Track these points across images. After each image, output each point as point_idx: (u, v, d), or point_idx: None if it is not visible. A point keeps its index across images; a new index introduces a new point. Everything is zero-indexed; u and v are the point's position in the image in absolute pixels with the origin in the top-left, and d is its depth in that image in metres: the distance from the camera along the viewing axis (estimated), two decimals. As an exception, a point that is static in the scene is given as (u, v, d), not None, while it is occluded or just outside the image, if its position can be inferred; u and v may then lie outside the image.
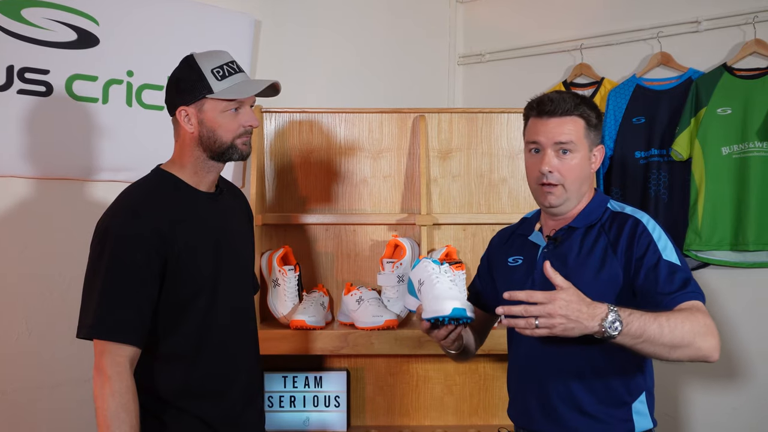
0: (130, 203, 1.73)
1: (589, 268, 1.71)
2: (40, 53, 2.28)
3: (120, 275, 1.63)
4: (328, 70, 3.11)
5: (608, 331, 1.45)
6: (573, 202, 1.78)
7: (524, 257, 1.85)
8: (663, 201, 2.98)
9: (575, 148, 1.73)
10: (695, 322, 1.53)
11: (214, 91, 1.71)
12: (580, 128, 1.74)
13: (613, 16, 3.20)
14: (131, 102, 2.47)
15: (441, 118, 2.80)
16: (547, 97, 1.77)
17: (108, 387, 1.58)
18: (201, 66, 1.73)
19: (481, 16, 3.66)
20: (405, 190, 2.80)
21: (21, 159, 2.27)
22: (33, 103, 2.27)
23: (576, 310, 1.45)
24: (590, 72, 3.23)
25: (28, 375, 2.32)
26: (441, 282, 1.62)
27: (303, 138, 2.78)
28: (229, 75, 1.74)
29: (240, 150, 1.78)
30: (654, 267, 1.63)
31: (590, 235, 1.75)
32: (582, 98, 1.78)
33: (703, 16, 2.92)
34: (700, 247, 2.84)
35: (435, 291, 1.60)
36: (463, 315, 1.56)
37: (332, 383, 2.71)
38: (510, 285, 1.85)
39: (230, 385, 1.84)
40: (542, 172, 1.74)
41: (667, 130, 2.97)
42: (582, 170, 1.76)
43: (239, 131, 1.76)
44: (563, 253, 1.76)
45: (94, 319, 1.62)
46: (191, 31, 2.60)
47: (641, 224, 1.69)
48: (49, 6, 2.29)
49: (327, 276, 2.81)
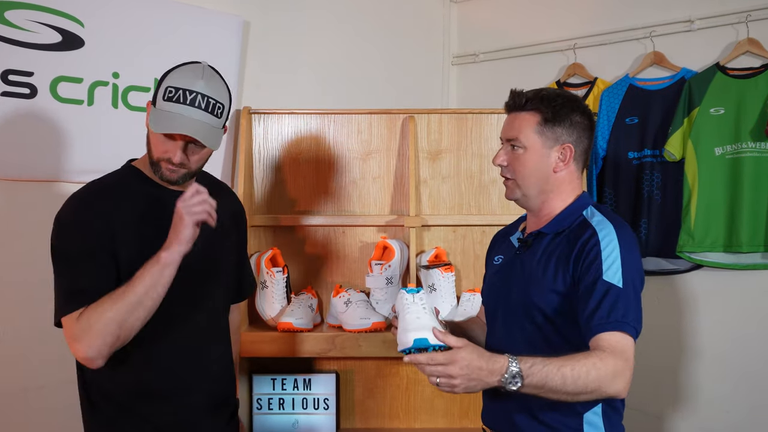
0: (82, 193, 1.73)
1: (544, 277, 1.69)
2: (24, 55, 2.26)
3: (69, 259, 1.65)
4: (319, 70, 3.09)
5: (507, 386, 1.48)
6: (534, 199, 1.76)
7: (504, 257, 1.86)
8: (656, 202, 2.95)
9: (523, 144, 1.72)
10: (603, 368, 1.50)
11: (155, 106, 1.67)
12: (531, 124, 1.72)
13: (607, 15, 3.17)
14: (117, 104, 2.46)
15: (430, 118, 2.78)
16: (510, 93, 1.76)
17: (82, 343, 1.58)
18: (168, 77, 1.68)
19: (475, 15, 3.64)
20: (394, 191, 2.78)
21: (4, 160, 2.26)
22: (17, 105, 2.26)
23: (476, 369, 1.47)
24: (583, 72, 3.20)
25: (14, 377, 2.32)
26: (409, 312, 1.61)
27: (292, 139, 2.77)
28: (176, 102, 1.63)
29: (162, 172, 1.70)
30: (590, 286, 1.59)
31: (555, 242, 1.72)
32: (543, 94, 1.73)
33: (696, 15, 2.89)
34: (693, 248, 2.81)
35: (403, 323, 1.60)
36: (425, 344, 1.52)
37: (321, 386, 2.70)
38: (489, 283, 1.90)
39: (187, 390, 1.78)
40: (494, 164, 1.77)
41: (660, 131, 2.94)
42: (535, 168, 1.73)
43: (162, 156, 1.68)
44: (528, 258, 1.76)
45: (55, 304, 1.64)
46: (178, 32, 2.58)
47: (595, 238, 1.64)
48: (33, 8, 2.28)
49: (317, 278, 2.80)
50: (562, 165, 1.73)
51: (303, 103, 2.88)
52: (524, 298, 1.72)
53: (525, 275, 1.73)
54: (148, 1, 2.53)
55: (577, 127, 1.74)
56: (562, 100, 1.74)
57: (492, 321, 1.86)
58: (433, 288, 2.62)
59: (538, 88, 1.77)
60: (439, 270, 2.62)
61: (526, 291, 1.71)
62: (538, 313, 1.69)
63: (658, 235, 2.93)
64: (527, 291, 1.71)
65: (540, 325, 1.69)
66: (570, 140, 1.73)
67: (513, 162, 1.74)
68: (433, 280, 2.62)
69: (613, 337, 1.54)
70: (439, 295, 2.60)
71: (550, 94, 1.74)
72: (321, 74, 3.10)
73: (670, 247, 2.88)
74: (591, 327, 1.57)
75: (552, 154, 1.73)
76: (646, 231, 2.94)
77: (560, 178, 1.75)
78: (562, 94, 1.77)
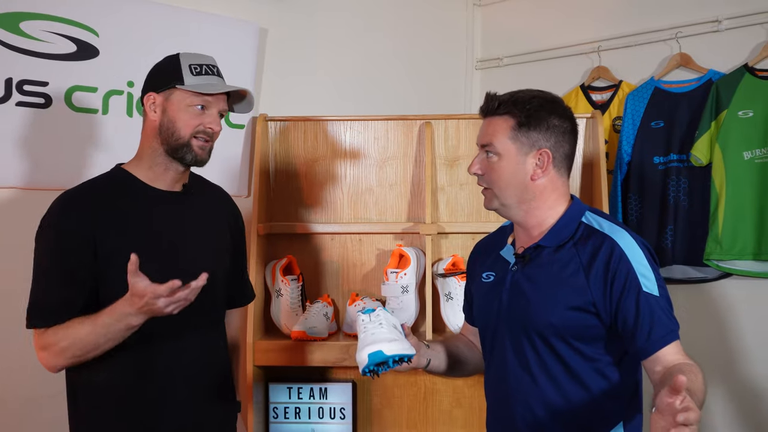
0: (66, 197, 1.72)
1: (559, 292, 1.59)
2: (39, 65, 2.29)
3: (43, 268, 1.66)
4: (337, 77, 3.08)
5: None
6: (515, 209, 1.65)
7: (495, 273, 1.74)
8: (683, 208, 2.86)
9: (497, 151, 1.62)
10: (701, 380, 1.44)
11: (185, 83, 1.70)
12: (504, 129, 1.61)
13: (631, 16, 3.10)
14: (132, 112, 2.47)
15: (448, 124, 2.74)
16: (485, 96, 1.66)
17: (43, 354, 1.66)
18: (181, 59, 1.73)
19: (499, 19, 3.59)
20: (411, 198, 2.75)
21: (20, 170, 2.29)
22: (32, 115, 2.28)
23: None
24: (608, 75, 3.13)
25: (28, 384, 2.33)
26: (364, 331, 1.57)
27: (308, 146, 2.76)
28: (206, 74, 1.72)
29: (194, 152, 1.71)
30: (634, 304, 1.52)
31: (560, 254, 1.62)
32: (518, 97, 1.63)
33: (724, 15, 2.80)
34: (721, 256, 2.71)
35: (359, 344, 1.57)
36: (381, 357, 1.48)
37: (338, 395, 2.67)
38: (481, 301, 1.79)
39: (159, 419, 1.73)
40: (469, 172, 1.68)
41: (686, 134, 2.86)
42: (510, 176, 1.62)
43: (198, 129, 1.71)
44: (532, 274, 1.64)
45: (27, 308, 1.67)
46: (194, 40, 2.58)
47: (617, 248, 1.56)
48: (48, 18, 2.30)
49: (333, 286, 2.78)
50: (540, 172, 1.62)
51: (321, 110, 2.86)
52: (533, 316, 1.61)
53: (531, 292, 1.63)
54: (162, 10, 2.54)
55: (555, 130, 1.63)
56: (537, 102, 1.62)
57: (490, 345, 1.74)
58: (450, 296, 2.57)
59: (514, 90, 1.66)
60: (456, 278, 2.57)
61: (536, 309, 1.61)
62: (551, 332, 1.59)
63: (684, 243, 2.84)
64: (536, 309, 1.61)
65: (552, 344, 1.60)
66: (547, 145, 1.62)
67: (488, 170, 1.64)
68: (450, 289, 2.58)
69: (672, 350, 1.50)
70: (456, 304, 2.55)
71: (525, 96, 1.63)
72: (339, 81, 3.08)
73: (697, 255, 2.79)
74: (650, 345, 1.50)
75: (528, 161, 1.62)
76: (673, 238, 2.85)
77: (540, 186, 1.64)
78: (539, 96, 1.65)
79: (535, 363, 1.62)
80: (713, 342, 2.83)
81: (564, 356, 1.60)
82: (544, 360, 1.61)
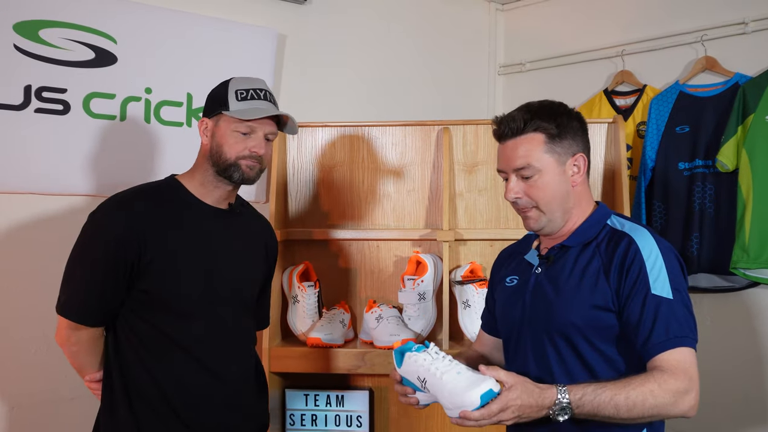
0: (121, 196, 1.80)
1: (581, 291, 1.58)
2: (57, 72, 2.32)
3: (84, 265, 1.74)
4: (357, 83, 3.07)
5: (556, 418, 1.44)
6: (558, 221, 1.65)
7: (519, 277, 1.74)
8: (709, 215, 2.79)
9: (536, 170, 1.61)
10: (661, 395, 1.43)
11: (229, 109, 1.78)
12: (537, 145, 1.60)
13: (655, 20, 3.05)
14: (149, 119, 2.49)
15: (466, 130, 2.71)
16: (498, 120, 1.64)
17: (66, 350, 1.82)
18: (229, 85, 1.82)
19: (522, 24, 3.56)
20: (429, 204, 2.72)
21: (38, 176, 2.31)
22: (50, 122, 2.31)
23: (527, 408, 1.42)
24: (632, 79, 3.08)
25: (46, 388, 2.35)
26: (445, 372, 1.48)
27: (326, 152, 2.75)
28: (251, 99, 1.79)
29: (243, 171, 1.80)
30: (640, 305, 1.51)
31: (584, 255, 1.62)
32: (537, 110, 1.62)
33: (750, 17, 2.75)
34: (748, 264, 2.64)
35: (450, 385, 1.46)
36: (492, 395, 1.42)
37: (355, 402, 2.65)
38: (504, 306, 1.78)
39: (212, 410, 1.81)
40: (508, 200, 1.65)
41: (712, 140, 2.79)
42: (555, 189, 1.62)
43: (243, 153, 1.79)
44: (555, 274, 1.64)
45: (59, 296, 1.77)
46: (211, 47, 2.60)
47: (634, 245, 1.55)
48: (66, 26, 2.34)
49: (351, 292, 2.76)
50: (579, 178, 1.64)
51: (339, 115, 2.86)
52: (556, 316, 1.61)
53: (554, 292, 1.62)
54: (180, 17, 2.56)
55: (579, 132, 1.65)
56: (559, 110, 1.63)
57: (514, 349, 1.73)
58: (468, 304, 2.54)
59: (521, 106, 1.65)
60: (474, 285, 2.54)
61: (559, 309, 1.61)
62: (574, 332, 1.59)
63: (711, 251, 2.78)
64: (560, 309, 1.60)
65: (575, 344, 1.59)
66: (580, 149, 1.64)
67: (529, 191, 1.62)
68: (467, 296, 2.54)
69: (673, 356, 1.47)
70: (474, 311, 2.52)
71: (544, 107, 1.63)
72: (359, 87, 3.08)
73: (724, 263, 2.72)
74: (648, 349, 1.49)
75: (567, 170, 1.63)
76: (698, 246, 2.79)
77: (579, 191, 1.66)
78: (553, 105, 1.65)
79: (557, 365, 1.61)
80: (740, 352, 2.75)
81: (586, 357, 1.59)
82: (566, 362, 1.60)
